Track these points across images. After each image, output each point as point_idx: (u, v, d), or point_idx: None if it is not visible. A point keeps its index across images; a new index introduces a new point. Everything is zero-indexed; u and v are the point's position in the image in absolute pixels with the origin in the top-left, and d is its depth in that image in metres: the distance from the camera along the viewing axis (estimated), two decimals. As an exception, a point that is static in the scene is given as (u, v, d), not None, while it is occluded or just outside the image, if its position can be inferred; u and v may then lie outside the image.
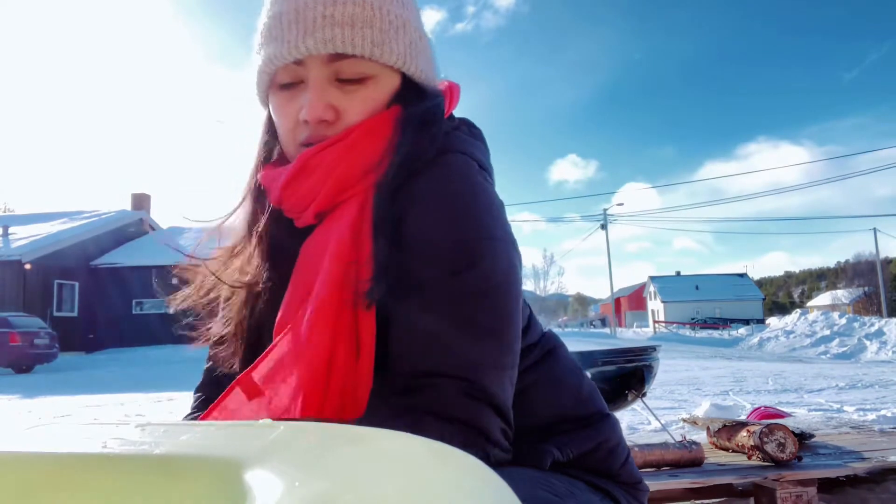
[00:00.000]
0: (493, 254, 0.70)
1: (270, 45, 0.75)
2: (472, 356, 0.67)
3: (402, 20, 0.76)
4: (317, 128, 0.75)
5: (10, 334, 13.80)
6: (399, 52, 0.76)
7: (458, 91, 0.88)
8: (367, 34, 0.73)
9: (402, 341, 0.69)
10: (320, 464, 0.27)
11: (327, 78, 0.75)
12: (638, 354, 2.64)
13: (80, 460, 0.31)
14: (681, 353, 15.01)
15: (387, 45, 0.74)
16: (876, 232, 39.04)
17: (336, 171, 0.73)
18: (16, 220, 23.30)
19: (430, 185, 0.72)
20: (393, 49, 0.75)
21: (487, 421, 0.67)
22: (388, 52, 0.75)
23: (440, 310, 0.68)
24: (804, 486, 2.06)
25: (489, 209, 0.73)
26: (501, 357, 0.70)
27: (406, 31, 0.77)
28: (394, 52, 0.75)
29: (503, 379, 0.70)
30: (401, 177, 0.73)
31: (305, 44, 0.72)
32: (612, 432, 0.84)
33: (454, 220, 0.70)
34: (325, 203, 0.75)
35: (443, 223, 0.70)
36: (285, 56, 0.73)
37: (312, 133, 0.75)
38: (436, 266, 0.69)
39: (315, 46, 0.72)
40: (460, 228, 0.70)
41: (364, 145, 0.74)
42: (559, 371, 0.85)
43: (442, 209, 0.71)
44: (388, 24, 0.75)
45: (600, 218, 34.83)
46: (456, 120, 0.86)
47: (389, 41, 0.75)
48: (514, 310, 0.72)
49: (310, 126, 0.75)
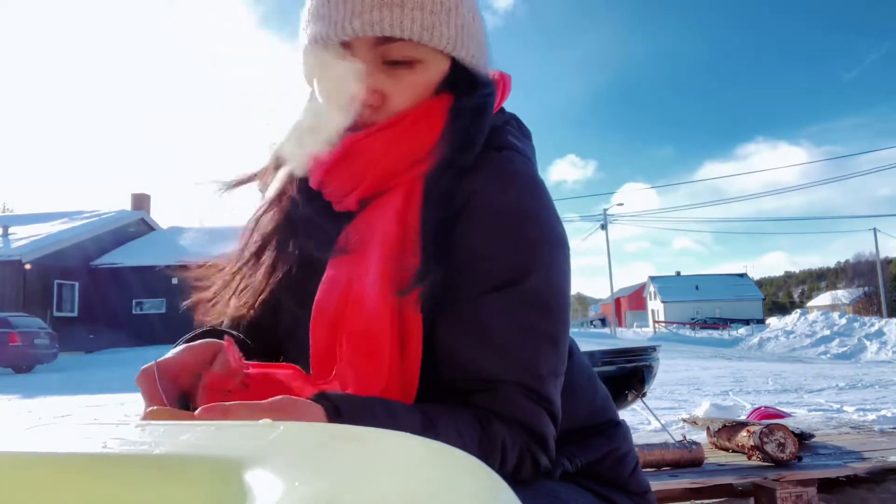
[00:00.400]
0: (553, 259, 0.70)
1: (317, 24, 0.72)
2: (533, 363, 0.67)
3: (453, 1, 0.73)
4: (362, 112, 0.72)
5: (10, 334, 13.79)
6: (449, 36, 0.72)
7: (510, 82, 0.85)
8: (416, 17, 0.70)
9: (461, 344, 0.68)
10: (320, 464, 0.27)
11: (374, 60, 0.72)
12: (638, 354, 2.64)
13: (80, 460, 0.31)
14: (681, 353, 14.99)
15: (437, 29, 0.71)
16: (876, 232, 39.02)
17: (384, 159, 0.72)
18: (16, 221, 23.30)
19: (491, 186, 0.70)
20: (443, 33, 0.72)
21: (546, 427, 0.67)
22: (437, 37, 0.71)
23: (502, 315, 0.67)
24: (804, 487, 2.06)
25: (550, 212, 0.73)
26: (559, 364, 0.70)
27: (458, 12, 0.73)
28: (444, 37, 0.72)
29: (558, 386, 0.70)
30: (452, 171, 0.71)
31: (352, 25, 0.69)
32: (623, 441, 0.84)
33: (514, 225, 0.69)
34: (369, 190, 0.73)
35: (503, 228, 0.69)
36: (331, 37, 0.70)
37: (356, 116, 0.73)
38: (499, 270, 0.68)
39: (362, 28, 0.69)
40: (524, 233, 0.69)
41: (413, 134, 0.72)
42: (576, 379, 0.83)
43: (500, 213, 0.69)
44: (440, 6, 0.72)
45: (599, 218, 34.79)
46: (506, 114, 0.84)
47: (440, 24, 0.71)
48: (568, 315, 0.72)
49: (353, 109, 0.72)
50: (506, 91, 0.84)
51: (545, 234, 0.70)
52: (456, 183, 0.71)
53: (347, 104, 0.72)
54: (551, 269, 0.69)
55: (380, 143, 0.72)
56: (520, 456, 0.66)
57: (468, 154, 0.73)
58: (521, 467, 0.66)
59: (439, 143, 0.72)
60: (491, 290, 0.68)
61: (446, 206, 0.70)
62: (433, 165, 0.71)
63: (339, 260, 0.73)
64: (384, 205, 0.72)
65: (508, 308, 0.67)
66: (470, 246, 0.69)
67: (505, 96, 0.84)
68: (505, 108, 0.85)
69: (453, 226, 0.70)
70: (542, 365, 0.67)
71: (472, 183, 0.71)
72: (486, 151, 0.74)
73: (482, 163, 0.72)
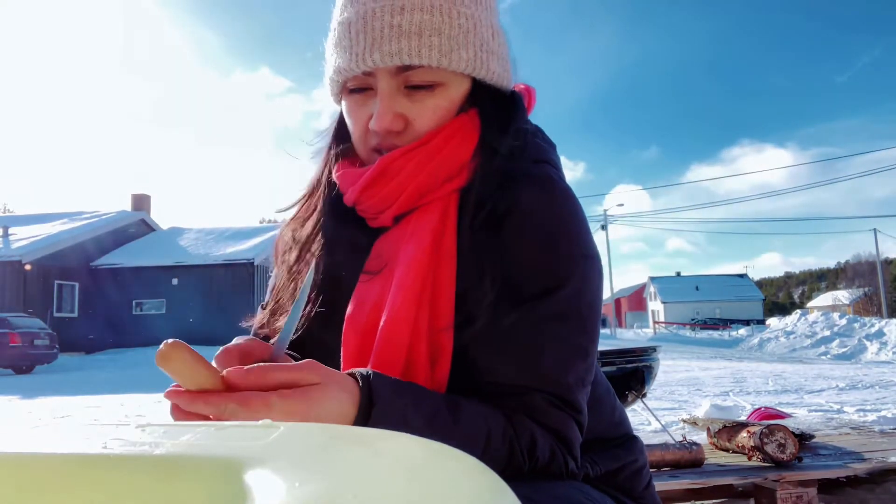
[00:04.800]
0: (587, 273, 0.71)
1: (339, 55, 0.75)
2: (563, 374, 0.68)
3: (472, 21, 0.74)
4: (386, 137, 0.75)
5: (11, 335, 13.79)
6: (468, 58, 0.74)
7: (534, 95, 0.87)
8: (434, 43, 0.71)
9: (492, 353, 0.69)
10: (320, 464, 0.27)
11: (396, 86, 0.74)
12: (638, 355, 2.64)
13: (80, 460, 0.31)
14: (681, 353, 15.00)
15: (455, 53, 0.73)
16: (876, 233, 39.04)
17: (418, 177, 0.73)
18: (16, 221, 23.31)
19: (527, 200, 0.72)
20: (462, 56, 0.73)
21: (573, 434, 0.69)
22: (456, 60, 0.73)
23: (535, 326, 0.68)
24: (804, 487, 2.06)
25: (584, 226, 0.74)
26: (587, 375, 0.71)
27: (477, 32, 0.75)
28: (462, 60, 0.73)
29: (586, 396, 0.71)
30: (489, 187, 0.73)
31: (373, 58, 0.71)
32: (640, 454, 0.85)
33: (554, 237, 0.71)
34: (405, 206, 0.75)
35: (543, 240, 0.70)
36: (353, 69, 0.73)
37: (382, 142, 0.75)
38: (534, 282, 0.69)
39: (382, 59, 0.71)
40: (559, 246, 0.70)
41: (446, 152, 0.74)
42: (597, 392, 0.84)
43: (542, 226, 0.71)
44: (458, 29, 0.73)
45: (598, 219, 34.84)
46: (532, 126, 0.85)
47: (458, 48, 0.73)
48: (598, 327, 0.73)
49: (379, 135, 0.75)
50: (531, 103, 0.86)
51: (581, 248, 0.71)
52: (494, 195, 0.72)
53: (373, 131, 0.75)
54: (585, 283, 0.70)
55: (414, 161, 0.73)
56: (552, 451, 0.67)
57: (507, 173, 0.74)
58: (552, 462, 0.67)
59: (472, 160, 0.74)
60: (525, 301, 0.69)
61: (484, 219, 0.72)
62: (469, 182, 0.73)
63: (369, 275, 0.75)
64: (419, 220, 0.74)
65: (542, 319, 0.68)
66: (507, 257, 0.70)
67: (531, 108, 0.85)
68: (530, 121, 0.86)
69: (493, 237, 0.71)
70: (571, 374, 0.68)
71: (512, 195, 0.72)
72: (522, 164, 0.76)
73: (520, 175, 0.74)
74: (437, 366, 0.68)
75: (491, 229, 0.71)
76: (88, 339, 19.97)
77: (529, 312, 0.68)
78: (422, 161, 0.73)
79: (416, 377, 0.67)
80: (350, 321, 0.73)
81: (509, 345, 0.68)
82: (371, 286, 0.74)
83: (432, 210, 0.73)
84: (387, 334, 0.68)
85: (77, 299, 20.61)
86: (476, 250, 0.71)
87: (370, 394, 0.57)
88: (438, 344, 0.68)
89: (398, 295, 0.69)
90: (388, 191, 0.74)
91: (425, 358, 0.68)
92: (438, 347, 0.68)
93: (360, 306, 0.73)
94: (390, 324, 0.68)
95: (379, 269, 0.74)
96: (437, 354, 0.68)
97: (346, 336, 0.72)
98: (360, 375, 0.58)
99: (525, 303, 0.69)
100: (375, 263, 0.75)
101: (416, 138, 0.74)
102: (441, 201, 0.73)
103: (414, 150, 0.73)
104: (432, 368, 0.68)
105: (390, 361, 0.68)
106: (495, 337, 0.69)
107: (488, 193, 0.72)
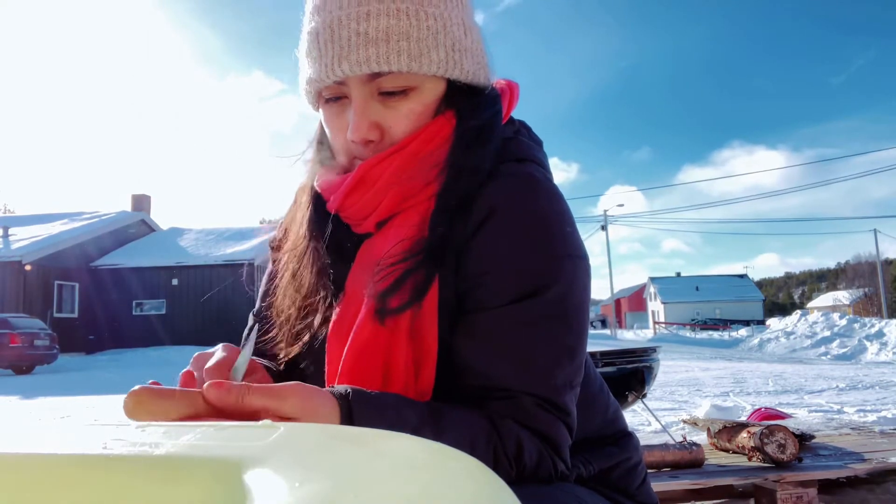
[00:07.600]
0: (574, 272, 0.70)
1: (310, 65, 0.74)
2: (551, 375, 0.67)
3: (442, 21, 0.73)
4: (364, 148, 0.74)
5: (11, 335, 13.78)
6: (439, 60, 0.73)
7: (517, 90, 0.85)
8: (403, 47, 0.70)
9: (479, 354, 0.68)
10: (320, 464, 0.27)
11: (369, 94, 0.73)
12: (638, 355, 2.64)
13: (80, 461, 0.31)
14: (681, 354, 15.00)
15: (425, 56, 0.72)
16: (876, 233, 39.04)
17: (398, 182, 0.73)
18: (16, 221, 23.31)
19: (509, 199, 0.71)
20: (433, 58, 0.72)
21: (561, 436, 0.68)
22: (427, 63, 0.72)
23: (522, 326, 0.67)
24: (805, 488, 2.06)
25: (571, 224, 0.73)
26: (575, 376, 0.70)
27: (447, 32, 0.73)
28: (433, 62, 0.72)
29: (574, 397, 0.70)
30: (463, 187, 0.72)
31: (342, 67, 0.70)
32: (635, 451, 0.85)
33: (538, 237, 0.70)
34: (385, 213, 0.74)
35: (527, 240, 0.69)
36: (324, 79, 0.72)
37: (360, 152, 0.75)
38: (520, 282, 0.68)
39: (351, 69, 0.70)
40: (544, 246, 0.69)
41: (423, 155, 0.73)
42: (590, 390, 0.84)
43: (525, 225, 0.70)
44: (427, 31, 0.72)
45: (592, 220, 34.87)
46: (516, 123, 0.85)
47: (428, 50, 0.72)
48: (587, 327, 0.72)
49: (356, 146, 0.75)
50: (513, 99, 0.84)
51: (567, 247, 0.71)
52: (473, 195, 0.72)
53: (349, 141, 0.74)
54: (572, 282, 0.70)
55: (392, 167, 0.73)
56: (540, 455, 0.66)
57: (479, 166, 0.73)
58: (540, 466, 0.67)
59: (447, 162, 0.73)
60: (511, 301, 0.68)
61: (461, 219, 0.71)
62: (444, 181, 0.72)
63: (356, 279, 0.75)
64: (400, 225, 0.73)
65: (528, 319, 0.68)
66: (491, 256, 0.70)
67: (513, 104, 0.84)
68: (514, 117, 0.85)
69: (472, 237, 0.71)
70: (558, 376, 0.68)
71: (494, 194, 0.71)
72: (505, 162, 0.75)
73: (502, 174, 0.73)
74: (422, 370, 0.68)
75: (472, 231, 0.71)
76: (88, 339, 19.96)
77: (515, 314, 0.68)
78: (400, 167, 0.72)
79: (394, 384, 0.67)
80: (334, 328, 0.73)
81: (495, 347, 0.67)
82: (355, 291, 0.74)
83: (413, 215, 0.73)
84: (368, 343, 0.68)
85: (77, 299, 20.60)
86: (458, 253, 0.70)
87: (350, 418, 0.56)
88: (422, 349, 0.68)
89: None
90: (368, 198, 0.74)
91: (405, 364, 0.67)
92: (422, 352, 0.68)
93: (344, 312, 0.73)
94: (371, 332, 0.68)
95: (361, 278, 0.74)
96: (421, 359, 0.68)
97: (330, 343, 0.72)
98: (339, 396, 0.57)
99: (511, 304, 0.68)
100: (357, 272, 0.75)
101: (394, 144, 0.74)
102: (421, 205, 0.73)
103: (391, 157, 0.73)
104: (416, 373, 0.68)
105: (367, 368, 0.67)
106: (481, 339, 0.68)
107: (468, 195, 0.72)
